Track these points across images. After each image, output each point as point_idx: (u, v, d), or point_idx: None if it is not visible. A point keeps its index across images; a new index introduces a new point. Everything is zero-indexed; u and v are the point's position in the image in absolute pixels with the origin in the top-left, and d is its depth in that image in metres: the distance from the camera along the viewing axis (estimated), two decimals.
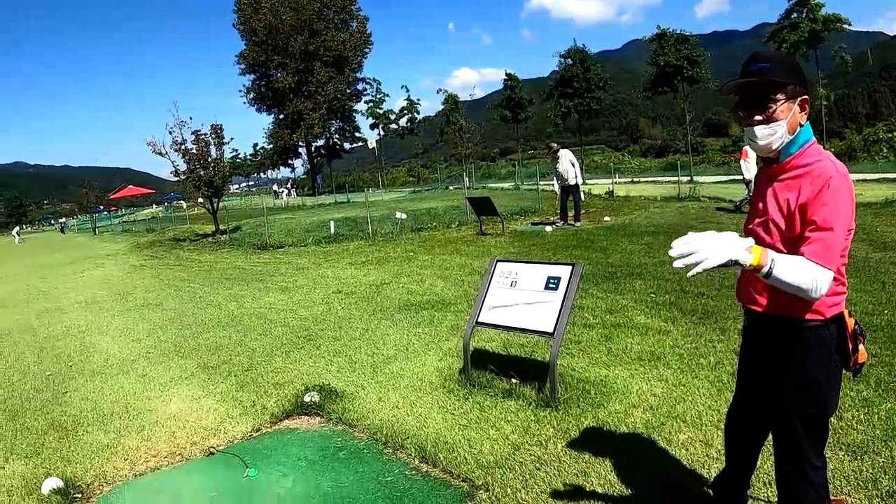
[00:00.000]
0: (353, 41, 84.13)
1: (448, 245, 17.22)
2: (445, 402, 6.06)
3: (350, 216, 27.49)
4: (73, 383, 8.58)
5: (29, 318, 14.39)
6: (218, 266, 19.78)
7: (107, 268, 23.82)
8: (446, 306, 10.02)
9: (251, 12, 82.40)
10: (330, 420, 6.07)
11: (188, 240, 31.32)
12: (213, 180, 29.33)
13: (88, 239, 50.52)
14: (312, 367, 7.78)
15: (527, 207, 24.66)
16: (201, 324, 11.30)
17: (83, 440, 6.42)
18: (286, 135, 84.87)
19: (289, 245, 22.43)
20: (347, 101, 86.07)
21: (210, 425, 6.38)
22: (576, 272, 5.81)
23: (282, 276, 15.60)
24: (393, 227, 22.57)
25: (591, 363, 6.63)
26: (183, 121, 29.31)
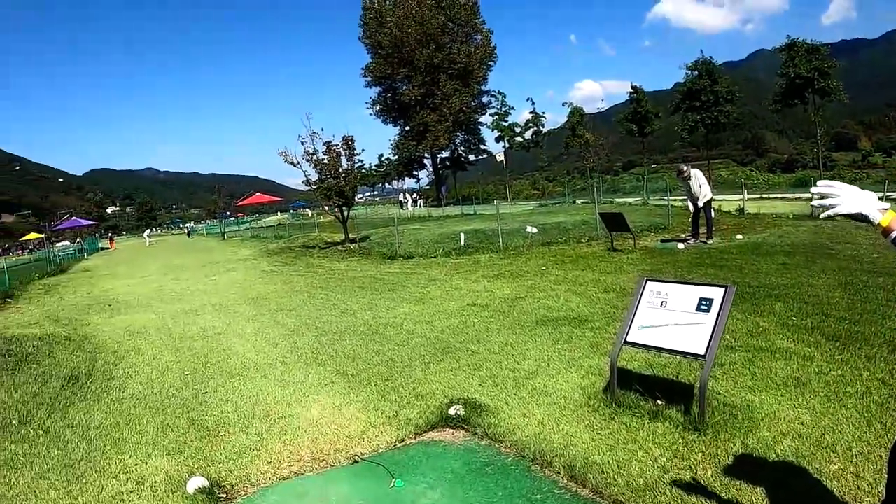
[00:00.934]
0: (478, 54, 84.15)
1: (580, 260, 17.07)
2: (591, 421, 6.03)
3: (479, 228, 27.41)
4: (212, 384, 8.89)
5: (164, 319, 14.98)
6: (349, 274, 20.04)
7: (238, 272, 24.52)
8: (583, 323, 9.94)
9: (376, 26, 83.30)
10: (475, 434, 6.11)
11: (318, 247, 31.87)
12: (344, 190, 29.87)
13: (217, 243, 52.24)
14: (454, 379, 7.80)
15: (656, 223, 24.27)
16: (337, 331, 11.47)
17: (225, 441, 6.65)
18: (412, 146, 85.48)
19: (419, 255, 22.58)
20: (472, 114, 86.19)
21: (353, 433, 6.49)
22: (729, 294, 5.75)
23: (414, 287, 15.72)
24: (523, 240, 22.49)
25: (735, 387, 6.53)
26: (315, 132, 29.95)
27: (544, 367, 7.85)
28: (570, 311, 10.93)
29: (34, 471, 6.35)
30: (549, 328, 9.87)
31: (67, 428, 7.59)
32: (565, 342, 8.93)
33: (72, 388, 9.38)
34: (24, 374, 10.45)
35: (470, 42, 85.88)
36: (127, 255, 53.73)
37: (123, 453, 6.58)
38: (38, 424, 7.79)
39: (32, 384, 9.72)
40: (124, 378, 9.78)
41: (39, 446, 7.03)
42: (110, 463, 6.37)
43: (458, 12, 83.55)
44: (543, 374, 7.58)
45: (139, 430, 7.26)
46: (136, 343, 12.45)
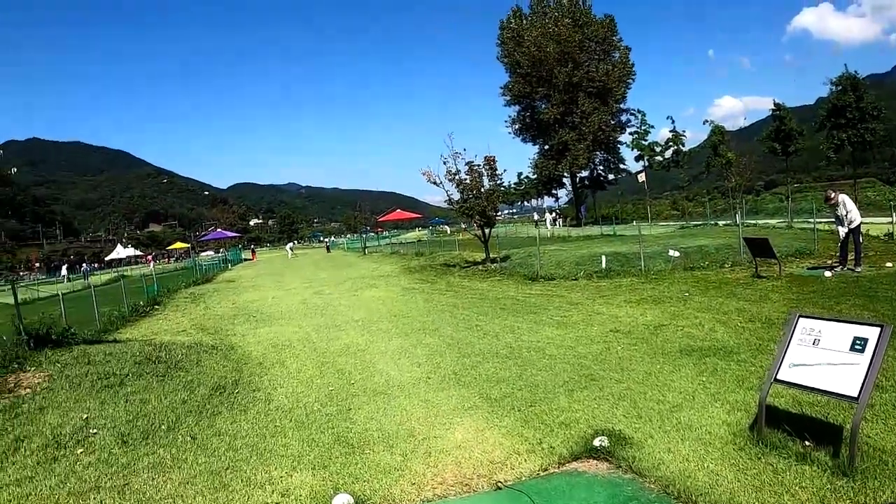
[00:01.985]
0: (617, 72, 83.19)
1: (723, 287, 16.77)
2: (737, 460, 5.94)
3: (620, 251, 27.10)
4: (356, 401, 9.12)
5: (308, 332, 15.49)
6: (490, 295, 20.17)
7: (379, 289, 24.91)
8: (729, 355, 9.80)
9: (514, 45, 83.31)
10: (619, 467, 6.10)
11: (458, 266, 32.15)
12: (486, 210, 30.13)
13: (358, 258, 53.07)
14: (597, 409, 7.79)
15: (801, 248, 23.46)
16: (479, 353, 11.58)
17: (370, 459, 6.83)
18: (551, 165, 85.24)
19: (560, 277, 22.56)
20: (612, 133, 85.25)
21: (497, 459, 6.57)
22: (885, 334, 5.63)
23: (556, 310, 15.73)
24: (665, 264, 22.27)
25: (887, 430, 6.34)
26: (457, 152, 30.38)
27: (689, 401, 7.78)
28: (715, 342, 10.78)
29: (181, 476, 6.71)
30: (693, 358, 9.78)
31: (214, 436, 7.96)
32: (710, 374, 8.83)
33: (219, 397, 9.83)
34: (174, 381, 10.96)
35: (608, 60, 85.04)
36: (269, 267, 55.49)
37: (269, 465, 6.88)
38: (186, 431, 8.20)
39: (181, 391, 10.21)
40: (270, 390, 10.20)
41: (187, 452, 7.40)
42: (256, 474, 6.67)
43: (596, 30, 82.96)
44: (688, 408, 7.51)
45: (285, 442, 7.56)
46: (281, 355, 12.94)
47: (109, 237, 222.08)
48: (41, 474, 6.89)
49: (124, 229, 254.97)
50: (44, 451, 7.57)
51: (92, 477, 6.75)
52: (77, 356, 12.56)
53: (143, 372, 11.47)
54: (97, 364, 11.92)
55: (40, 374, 11.15)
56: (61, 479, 6.74)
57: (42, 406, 9.35)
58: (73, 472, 6.93)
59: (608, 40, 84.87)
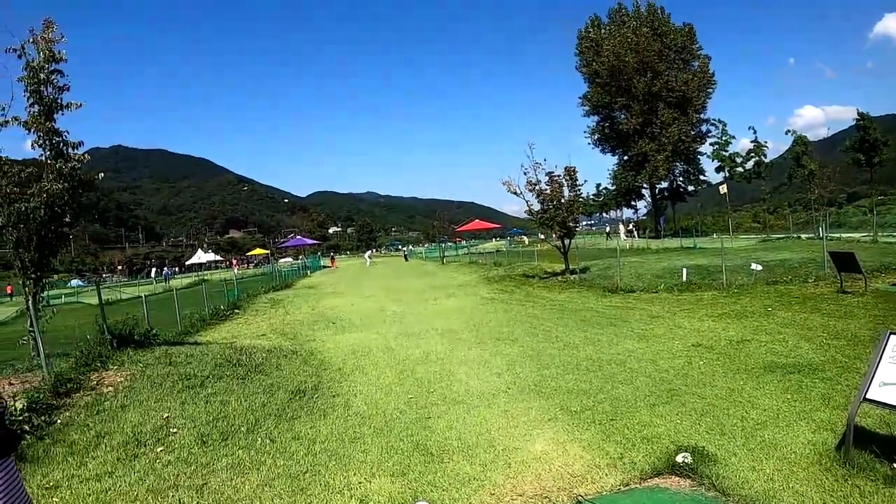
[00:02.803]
0: (696, 81, 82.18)
1: (806, 302, 16.52)
2: (823, 481, 5.82)
3: (700, 264, 26.82)
4: (435, 409, 9.18)
5: (387, 340, 15.64)
6: (569, 306, 20.16)
7: (458, 298, 25.04)
8: (814, 372, 9.66)
9: (593, 55, 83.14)
10: (702, 485, 6.05)
11: (537, 277, 32.11)
12: (566, 221, 30.15)
13: (437, 267, 53.15)
14: (679, 424, 7.74)
15: (888, 263, 22.81)
16: (560, 364, 11.59)
17: (448, 468, 6.88)
18: (630, 176, 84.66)
19: (639, 290, 22.50)
20: (692, 143, 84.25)
21: (577, 472, 6.55)
22: None
23: (636, 323, 15.71)
24: (747, 278, 21.97)
25: None
26: (538, 162, 30.50)
27: (773, 418, 7.67)
28: (799, 358, 10.64)
29: (260, 478, 6.87)
30: (777, 375, 9.66)
31: (293, 440, 8.10)
32: (795, 392, 8.71)
33: (298, 402, 10.02)
34: (254, 384, 11.21)
35: (687, 69, 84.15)
36: (348, 274, 55.84)
37: (348, 470, 6.97)
38: (266, 434, 8.37)
39: (261, 394, 10.43)
40: (349, 396, 10.33)
41: (266, 455, 7.56)
42: (335, 479, 6.77)
43: (675, 39, 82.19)
44: (773, 426, 7.41)
45: (363, 448, 7.65)
46: (360, 362, 13.11)
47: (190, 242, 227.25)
48: (121, 470, 7.12)
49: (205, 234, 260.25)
50: (124, 447, 7.83)
51: (171, 475, 6.97)
52: (159, 357, 12.99)
53: (223, 374, 11.80)
54: (178, 365, 12.31)
55: (123, 373, 11.54)
56: (140, 475, 6.96)
57: (124, 404, 9.68)
58: (153, 469, 7.15)
59: (687, 49, 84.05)
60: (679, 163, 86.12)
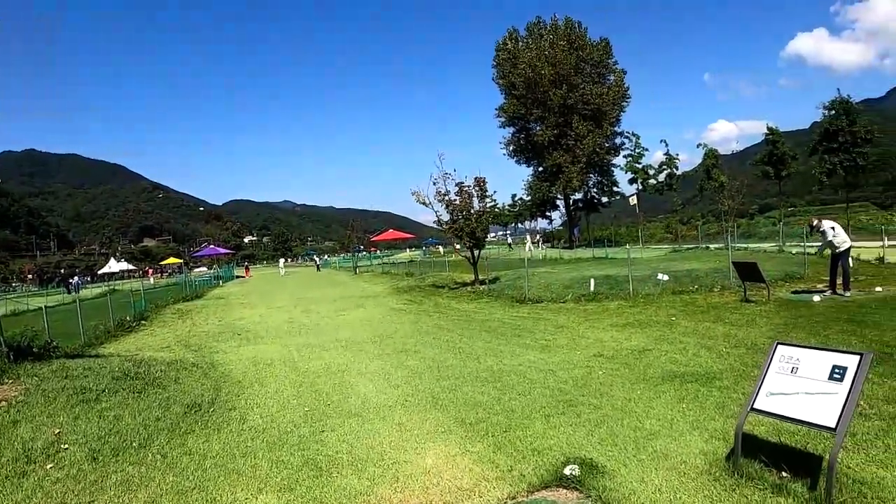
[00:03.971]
0: (611, 94, 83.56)
1: (711, 311, 16.69)
2: (710, 492, 5.80)
3: (609, 274, 27.10)
4: (329, 423, 8.99)
5: (291, 352, 15.40)
6: (477, 317, 20.09)
7: (367, 309, 24.91)
8: (711, 380, 9.67)
9: (510, 67, 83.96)
10: (589, 497, 5.95)
11: (447, 287, 32.15)
12: (476, 231, 30.07)
13: (349, 277, 53.33)
14: (573, 435, 7.65)
15: (792, 273, 23.46)
16: (459, 376, 11.47)
17: (337, 482, 6.72)
18: (545, 187, 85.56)
19: (548, 300, 22.45)
20: (606, 155, 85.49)
21: (465, 486, 6.43)
22: (864, 363, 5.48)
23: (541, 333, 15.63)
24: (654, 288, 22.16)
25: (867, 461, 6.20)
26: (447, 173, 30.42)
27: (667, 428, 7.64)
28: (699, 367, 10.67)
29: (148, 494, 6.65)
30: (675, 385, 9.65)
31: (185, 455, 7.86)
32: (691, 401, 8.69)
33: (193, 416, 9.72)
34: (150, 397, 10.85)
35: (603, 82, 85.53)
36: (261, 284, 55.73)
37: (236, 486, 6.80)
38: (157, 449, 8.10)
39: (156, 409, 10.09)
40: (246, 410, 10.08)
41: (156, 471, 7.32)
42: (222, 494, 6.59)
43: (591, 53, 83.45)
44: (666, 436, 7.37)
45: (254, 463, 7.47)
46: (261, 375, 12.84)
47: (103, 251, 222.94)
48: (8, 489, 6.86)
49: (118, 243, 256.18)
50: (13, 465, 7.51)
51: (59, 493, 6.72)
52: (56, 370, 12.50)
53: (119, 388, 11.35)
54: (75, 378, 11.83)
55: (17, 387, 11.07)
56: (28, 493, 6.70)
57: (16, 419, 9.27)
58: (41, 487, 6.88)
59: (603, 63, 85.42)
60: (593, 174, 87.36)
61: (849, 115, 57.50)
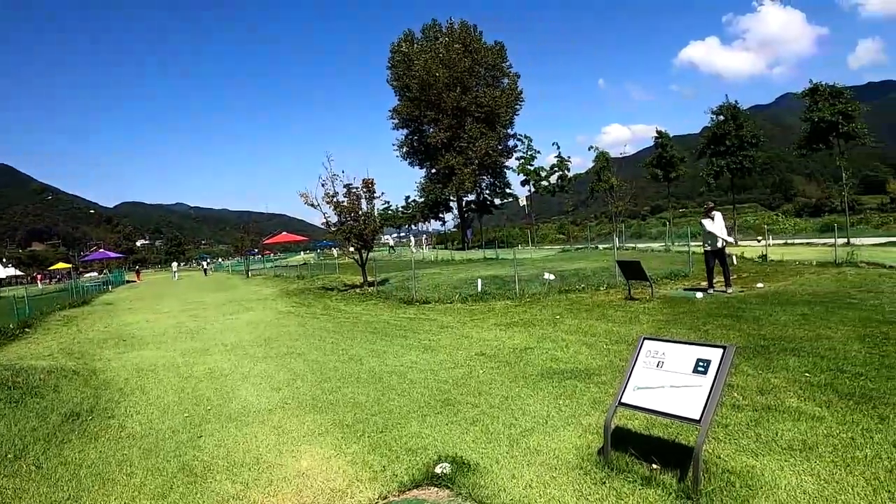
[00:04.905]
0: (505, 98, 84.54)
1: (595, 309, 16.85)
2: (581, 486, 5.82)
3: (498, 274, 27.44)
4: (208, 427, 8.83)
5: (175, 357, 15.05)
6: (363, 318, 19.96)
7: (255, 312, 24.63)
8: (590, 377, 9.74)
9: (404, 69, 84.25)
10: (459, 494, 5.93)
11: (336, 289, 31.93)
12: (364, 233, 29.90)
13: (241, 281, 52.56)
14: (448, 434, 7.64)
15: (677, 271, 24.13)
16: (341, 378, 11.36)
17: (211, 488, 6.61)
18: (437, 189, 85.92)
19: (435, 301, 22.43)
20: (498, 158, 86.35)
21: (338, 487, 6.37)
22: (727, 355, 5.55)
23: (426, 334, 15.57)
24: (541, 287, 22.33)
25: (737, 450, 6.29)
26: (335, 174, 30.20)
27: (542, 424, 7.65)
28: (578, 364, 10.72)
29: None
30: (553, 381, 9.67)
31: (60, 465, 7.63)
32: (568, 397, 8.72)
33: (71, 425, 9.41)
34: (27, 407, 10.52)
35: (497, 85, 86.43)
36: (152, 289, 54.61)
37: (110, 495, 6.61)
38: (32, 460, 7.85)
39: (33, 418, 9.79)
40: (125, 417, 9.79)
41: (30, 482, 7.10)
42: None
43: (485, 56, 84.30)
44: (540, 432, 7.38)
45: (130, 471, 7.27)
46: (143, 381, 12.48)
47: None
48: None
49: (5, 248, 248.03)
50: None
51: None
52: None
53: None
54: None
55: None
56: None
57: None
58: None
59: (498, 66, 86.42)
60: (486, 176, 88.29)
61: (736, 120, 59.21)
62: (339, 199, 29.99)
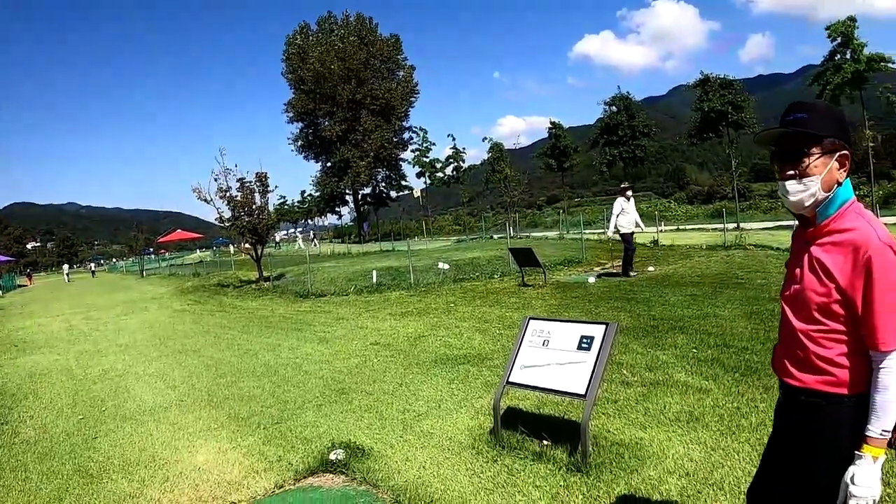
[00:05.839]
0: (400, 90, 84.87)
1: (489, 297, 17.03)
2: (473, 464, 5.89)
3: (393, 266, 27.52)
4: (103, 428, 8.65)
5: (68, 360, 14.65)
6: (259, 313, 19.81)
7: (150, 311, 24.23)
8: (482, 361, 9.87)
9: (299, 62, 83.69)
10: (354, 479, 5.95)
11: (232, 286, 31.54)
12: (258, 228, 29.51)
13: (136, 281, 51.65)
14: (342, 422, 7.67)
15: (571, 258, 24.54)
16: (236, 372, 11.30)
17: (107, 488, 6.48)
18: (333, 182, 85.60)
19: (331, 294, 22.35)
20: (394, 150, 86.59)
21: (234, 479, 6.34)
22: (609, 332, 5.68)
23: (321, 326, 15.53)
24: (436, 277, 22.49)
25: (627, 424, 6.43)
26: (229, 168, 29.69)
27: (435, 408, 7.74)
28: (471, 349, 10.85)
29: None
30: (446, 367, 9.79)
31: None
32: (461, 381, 8.83)
33: None
34: None
35: (392, 78, 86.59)
36: (44, 292, 53.11)
37: (5, 501, 6.46)
38: None
39: None
40: (18, 423, 9.52)
41: None
42: None
43: (381, 48, 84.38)
44: (433, 416, 7.47)
45: (25, 476, 7.10)
46: (36, 385, 12.14)
47: None
48: None
49: None
50: None
51: None
52: None
53: None
54: None
55: None
56: None
57: None
58: None
59: (393, 59, 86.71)
60: (382, 169, 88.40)
61: (629, 111, 60.52)
62: (232, 193, 29.47)
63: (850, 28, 40.65)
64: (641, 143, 60.33)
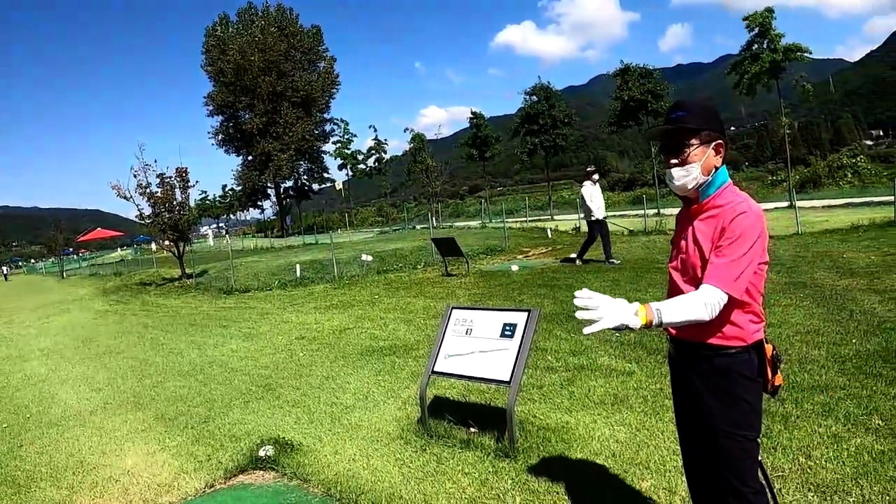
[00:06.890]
0: (321, 81, 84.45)
1: (413, 287, 17.12)
2: (402, 454, 5.92)
3: (317, 259, 27.43)
4: (28, 436, 8.45)
5: None
6: (182, 311, 19.57)
7: (72, 313, 23.63)
8: (408, 351, 9.93)
9: (219, 53, 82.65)
10: (284, 475, 5.94)
11: (154, 284, 30.99)
12: (179, 224, 29.04)
13: (56, 283, 50.30)
14: (270, 418, 7.64)
15: (493, 246, 24.78)
16: (162, 372, 11.14)
17: (35, 496, 6.35)
18: (255, 176, 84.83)
19: (255, 289, 22.23)
20: (315, 142, 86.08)
21: (164, 481, 6.25)
22: (532, 318, 5.72)
23: (245, 322, 15.42)
24: (359, 269, 22.48)
25: (552, 409, 6.51)
26: (148, 164, 29.02)
27: (362, 401, 7.75)
28: (397, 340, 10.89)
29: None
30: (372, 359, 9.81)
31: None
32: (387, 373, 8.86)
33: None
34: None
35: (313, 70, 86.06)
36: None
37: None
38: None
39: None
40: None
41: None
42: None
43: (302, 40, 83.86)
44: (361, 408, 7.48)
45: None
46: None
47: None
48: None
49: None
50: None
51: None
52: None
53: None
54: None
55: None
56: None
57: None
58: None
59: (314, 50, 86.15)
60: (303, 161, 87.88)
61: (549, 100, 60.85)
62: (152, 189, 28.88)
63: (768, 19, 41.31)
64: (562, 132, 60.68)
